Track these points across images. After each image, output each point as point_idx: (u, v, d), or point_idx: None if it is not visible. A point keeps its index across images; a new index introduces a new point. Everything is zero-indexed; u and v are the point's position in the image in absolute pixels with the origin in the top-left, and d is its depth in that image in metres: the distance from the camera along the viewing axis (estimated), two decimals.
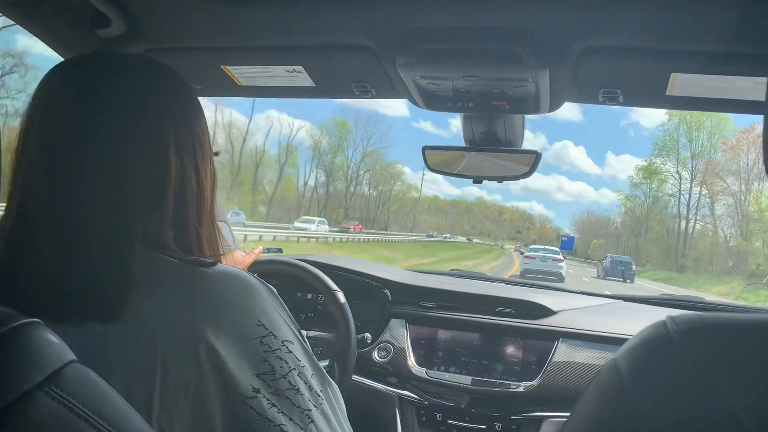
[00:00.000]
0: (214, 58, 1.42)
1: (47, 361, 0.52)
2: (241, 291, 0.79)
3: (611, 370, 0.52)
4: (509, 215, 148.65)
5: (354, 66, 1.40)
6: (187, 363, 0.72)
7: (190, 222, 0.85)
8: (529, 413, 1.80)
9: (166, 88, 0.87)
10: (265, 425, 0.75)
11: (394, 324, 2.02)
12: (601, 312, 2.02)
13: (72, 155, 0.78)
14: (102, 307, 0.73)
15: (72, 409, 0.52)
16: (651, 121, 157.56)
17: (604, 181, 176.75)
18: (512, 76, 1.27)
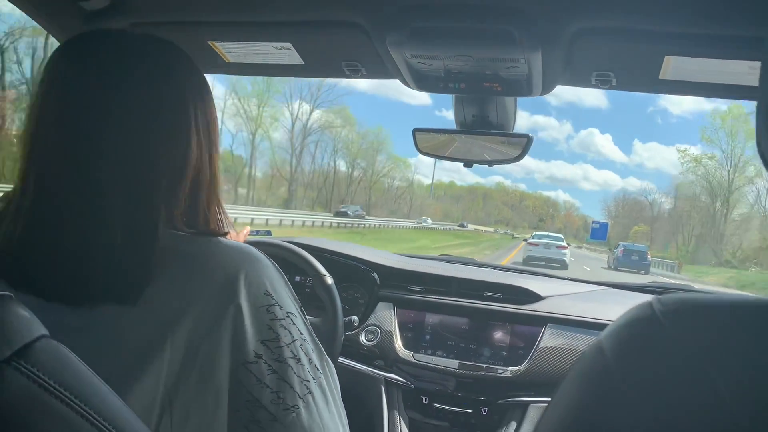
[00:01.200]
0: (202, 33, 1.39)
1: (17, 336, 0.51)
2: (250, 262, 0.81)
3: (595, 351, 0.50)
4: (531, 202, 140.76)
5: (344, 44, 1.38)
6: (196, 327, 0.74)
7: (200, 205, 0.85)
8: (515, 398, 1.80)
9: (184, 70, 0.86)
10: (263, 391, 0.77)
11: (381, 307, 2.02)
12: (590, 298, 2.02)
13: (94, 137, 0.77)
14: (123, 291, 0.74)
15: (42, 385, 0.50)
16: (680, 107, 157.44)
17: (631, 170, 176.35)
18: (504, 56, 1.24)
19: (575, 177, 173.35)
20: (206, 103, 0.87)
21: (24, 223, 0.76)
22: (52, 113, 0.78)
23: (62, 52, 0.83)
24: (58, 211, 0.76)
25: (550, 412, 0.54)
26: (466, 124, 1.64)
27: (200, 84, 0.87)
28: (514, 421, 1.77)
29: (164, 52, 0.85)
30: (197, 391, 0.76)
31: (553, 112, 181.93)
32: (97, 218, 0.76)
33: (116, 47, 0.82)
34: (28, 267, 0.76)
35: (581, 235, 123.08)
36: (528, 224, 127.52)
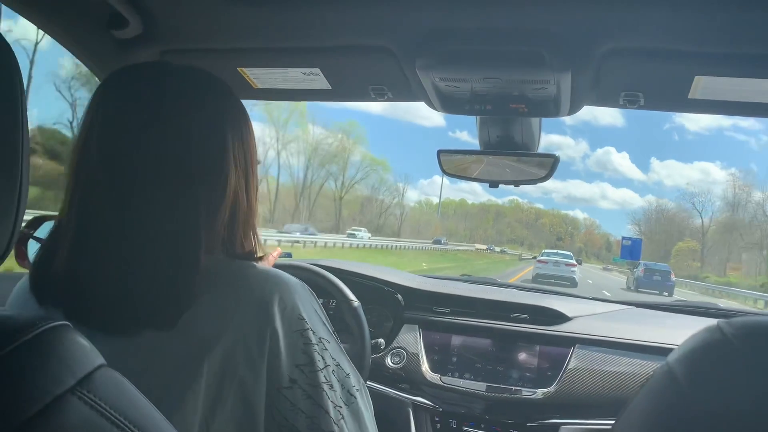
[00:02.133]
0: (231, 60, 1.41)
1: (79, 365, 0.51)
2: (284, 287, 0.82)
3: (665, 376, 0.50)
4: (548, 220, 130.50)
5: (372, 68, 1.39)
6: (233, 352, 0.76)
7: (237, 231, 0.86)
8: (545, 420, 1.78)
9: (223, 100, 0.88)
10: (298, 416, 0.79)
11: (406, 329, 2.00)
12: (617, 318, 2.00)
13: (137, 166, 0.78)
14: (162, 317, 0.75)
15: (103, 414, 0.50)
16: (697, 124, 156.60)
17: (649, 188, 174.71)
18: (534, 78, 1.25)
19: (593, 196, 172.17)
20: (244, 132, 0.88)
21: (68, 254, 0.78)
22: (95, 146, 0.80)
23: (105, 86, 0.85)
24: (101, 242, 0.77)
25: None
26: (490, 145, 1.64)
27: (239, 113, 0.89)
28: None
29: (203, 82, 0.87)
30: (233, 415, 0.77)
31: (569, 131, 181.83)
32: (143, 246, 0.77)
33: (156, 79, 0.84)
34: (74, 296, 0.77)
35: (603, 255, 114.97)
36: (545, 244, 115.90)
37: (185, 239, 0.78)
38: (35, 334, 0.49)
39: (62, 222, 0.80)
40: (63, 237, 0.79)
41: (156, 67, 0.88)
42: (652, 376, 0.53)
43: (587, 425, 1.75)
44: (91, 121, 0.81)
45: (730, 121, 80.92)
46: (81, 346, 0.53)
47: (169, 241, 0.77)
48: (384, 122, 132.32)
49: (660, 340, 1.80)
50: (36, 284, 0.81)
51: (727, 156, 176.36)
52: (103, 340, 0.73)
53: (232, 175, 0.84)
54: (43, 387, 0.47)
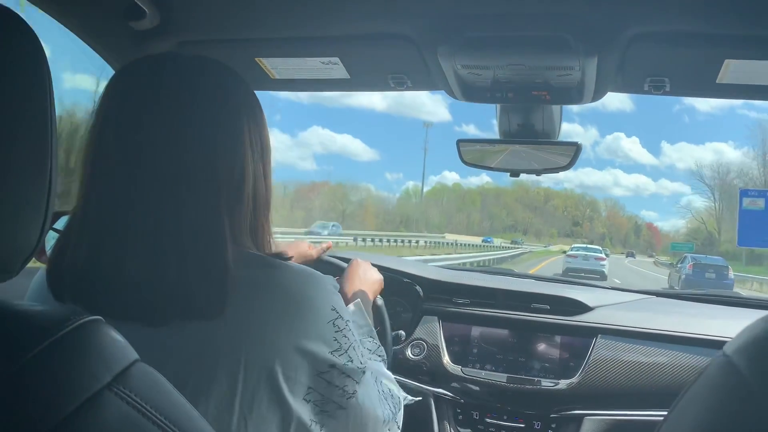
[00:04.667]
0: (249, 50, 1.39)
1: (115, 360, 0.50)
2: (317, 284, 0.86)
3: (726, 369, 0.48)
4: (560, 201, 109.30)
5: (391, 56, 1.37)
6: (271, 350, 0.78)
7: (259, 223, 0.87)
8: (568, 411, 1.76)
9: (238, 91, 0.87)
10: (334, 390, 0.85)
11: (426, 321, 1.99)
12: (638, 308, 1.98)
13: (154, 158, 0.78)
14: (206, 306, 0.76)
15: (140, 410, 0.49)
16: (708, 104, 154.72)
17: (662, 172, 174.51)
18: (559, 64, 1.23)
19: (606, 183, 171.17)
20: (259, 123, 0.88)
21: (89, 247, 0.77)
22: (111, 139, 0.79)
23: (119, 77, 0.85)
24: (122, 233, 0.76)
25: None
26: (510, 134, 1.62)
27: (253, 104, 0.89)
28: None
29: (218, 74, 0.86)
30: (271, 409, 0.78)
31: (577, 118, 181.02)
32: (166, 236, 0.76)
33: (171, 70, 0.83)
34: (98, 289, 0.77)
35: (632, 242, 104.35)
36: (558, 230, 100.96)
37: (207, 228, 0.78)
38: (70, 329, 0.48)
39: (78, 216, 0.79)
40: (81, 231, 0.78)
41: (169, 57, 0.87)
42: (707, 367, 0.51)
43: (612, 416, 1.73)
44: (105, 113, 0.81)
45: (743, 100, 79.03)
46: (115, 341, 0.52)
47: (194, 230, 0.77)
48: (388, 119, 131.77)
49: (684, 330, 1.78)
50: (53, 279, 0.80)
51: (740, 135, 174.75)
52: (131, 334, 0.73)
53: (249, 162, 0.84)
54: (80, 383, 0.46)
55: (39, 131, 0.52)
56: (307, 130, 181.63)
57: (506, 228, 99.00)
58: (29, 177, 0.52)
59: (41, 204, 0.53)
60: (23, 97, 0.51)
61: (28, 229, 0.52)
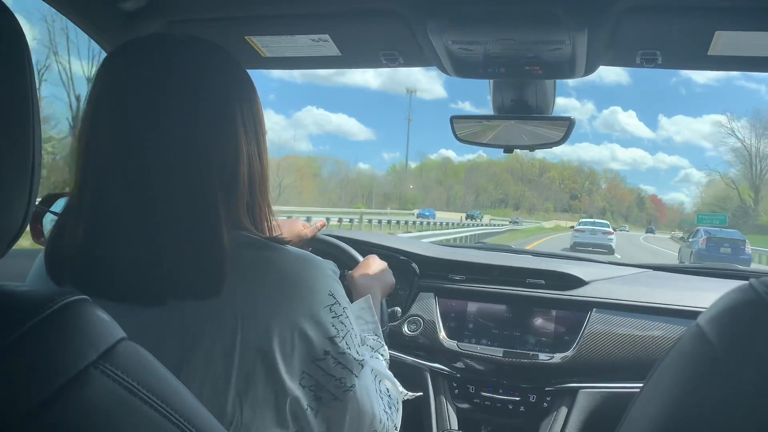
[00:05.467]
0: (239, 28, 1.39)
1: (100, 339, 0.50)
2: (315, 269, 0.86)
3: (697, 337, 0.48)
4: (557, 173, 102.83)
5: (382, 33, 1.36)
6: (267, 332, 0.78)
7: (256, 203, 0.87)
8: (563, 384, 1.78)
9: (228, 70, 0.87)
10: (329, 379, 0.85)
11: (422, 297, 2.00)
12: (634, 281, 1.99)
13: (147, 139, 0.78)
14: (201, 285, 0.76)
15: (126, 387, 0.50)
16: (704, 76, 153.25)
17: (659, 146, 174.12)
18: (549, 38, 1.22)
19: (603, 158, 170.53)
20: (252, 102, 0.88)
21: (85, 229, 0.78)
22: (105, 119, 0.79)
23: (111, 60, 0.84)
24: (118, 215, 0.77)
25: (643, 407, 0.52)
26: (504, 109, 1.61)
27: (245, 82, 0.88)
28: (563, 407, 1.76)
29: (208, 54, 0.86)
30: (266, 392, 0.79)
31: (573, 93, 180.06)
32: (160, 217, 0.76)
33: (162, 51, 0.83)
34: (95, 271, 0.77)
35: (635, 216, 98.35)
36: (554, 204, 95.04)
37: (200, 209, 0.78)
38: (55, 308, 0.49)
39: (74, 198, 0.80)
40: (78, 214, 0.79)
41: (160, 39, 0.87)
42: (681, 337, 0.51)
43: (606, 388, 1.75)
44: (98, 96, 0.80)
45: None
46: (101, 319, 0.52)
47: (185, 212, 0.77)
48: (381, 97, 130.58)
49: (678, 303, 1.79)
50: (51, 261, 0.81)
51: (737, 107, 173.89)
52: (126, 314, 0.73)
53: (243, 142, 0.84)
54: (65, 361, 0.47)
55: (21, 113, 0.52)
56: (302, 110, 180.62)
57: (495, 202, 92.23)
58: (12, 159, 0.52)
59: (24, 186, 0.53)
60: (2, 79, 0.51)
61: (11, 212, 0.53)
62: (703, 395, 0.46)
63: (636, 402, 0.54)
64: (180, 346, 0.76)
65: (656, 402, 0.50)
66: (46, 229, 1.42)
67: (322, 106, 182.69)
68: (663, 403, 0.49)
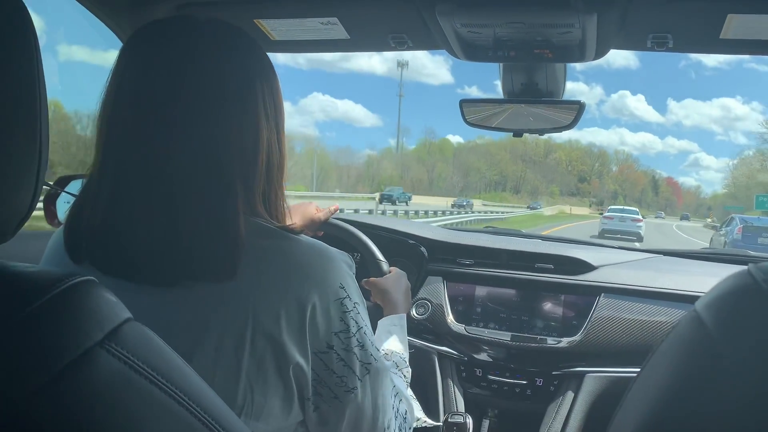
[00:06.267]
0: (248, 11, 1.38)
1: (106, 319, 0.51)
2: (328, 260, 0.85)
3: (693, 323, 0.48)
4: (564, 154, 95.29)
5: (390, 15, 1.36)
6: (277, 320, 0.78)
7: (272, 189, 0.86)
8: (570, 368, 1.79)
9: (250, 52, 0.86)
10: (330, 376, 0.84)
11: (431, 281, 2.01)
12: (643, 266, 1.98)
13: (168, 122, 0.78)
14: (216, 268, 0.77)
15: (132, 367, 0.51)
16: (715, 59, 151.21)
17: (668, 130, 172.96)
18: (558, 21, 1.21)
19: (611, 142, 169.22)
20: (272, 85, 0.87)
21: (105, 209, 0.78)
22: (127, 102, 0.79)
23: (132, 42, 0.84)
24: (137, 196, 0.77)
25: (641, 391, 0.53)
26: (514, 93, 1.61)
27: (266, 65, 0.87)
28: (570, 391, 1.76)
29: (231, 36, 0.85)
30: (276, 379, 0.79)
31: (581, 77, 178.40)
32: (180, 199, 0.77)
33: (185, 33, 0.82)
34: (112, 252, 0.78)
35: (649, 200, 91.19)
36: (560, 188, 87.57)
37: (220, 191, 0.79)
38: (62, 288, 0.50)
39: (94, 180, 0.80)
40: (98, 194, 0.79)
41: (182, 21, 0.86)
42: (678, 322, 0.51)
43: (613, 373, 1.75)
44: (120, 78, 0.80)
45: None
46: (107, 300, 0.53)
47: (204, 194, 0.78)
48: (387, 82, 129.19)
49: (687, 288, 1.78)
50: (70, 241, 0.82)
51: (748, 90, 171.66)
52: (141, 297, 0.74)
53: (264, 128, 0.83)
54: (71, 341, 0.48)
55: (27, 95, 0.53)
56: (308, 96, 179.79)
57: (490, 185, 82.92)
58: (19, 141, 0.52)
59: (32, 167, 0.54)
60: (9, 62, 0.51)
61: (20, 193, 0.54)
62: (699, 379, 0.46)
63: (633, 386, 0.54)
64: (192, 332, 0.76)
65: (653, 385, 0.51)
66: (60, 211, 1.44)
67: (328, 92, 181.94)
68: (659, 386, 0.49)
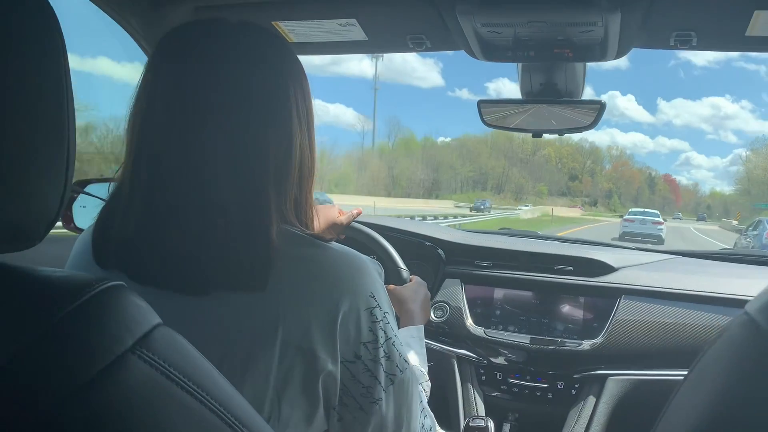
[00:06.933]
0: (266, 13, 1.38)
1: (136, 324, 0.50)
2: (358, 269, 0.83)
3: (747, 328, 0.47)
4: (553, 150, 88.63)
5: (409, 16, 1.34)
6: (308, 330, 0.76)
7: (303, 196, 0.85)
8: (591, 371, 1.76)
9: (284, 57, 0.84)
10: (356, 385, 0.82)
11: (449, 284, 1.99)
12: (663, 268, 1.96)
13: (203, 129, 0.76)
14: (248, 278, 0.75)
15: (164, 372, 0.50)
16: (704, 58, 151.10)
17: (659, 129, 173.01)
18: (581, 20, 1.19)
19: (602, 142, 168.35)
20: (305, 90, 0.86)
21: (138, 216, 0.77)
22: (161, 109, 0.78)
23: (166, 43, 0.82)
24: (172, 203, 0.76)
25: (691, 397, 0.51)
26: (533, 94, 1.59)
27: (299, 70, 0.86)
28: (591, 394, 1.74)
29: (264, 39, 0.84)
30: (302, 389, 0.78)
31: None
32: (211, 207, 0.76)
33: (217, 37, 0.81)
34: (144, 259, 0.77)
35: (646, 199, 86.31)
36: (549, 187, 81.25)
37: (254, 197, 0.77)
38: (93, 294, 0.49)
39: (126, 185, 0.79)
40: (130, 201, 0.78)
41: (214, 24, 0.84)
42: (727, 326, 0.50)
43: (635, 376, 1.73)
44: (152, 84, 0.79)
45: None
46: (137, 305, 0.52)
47: (239, 200, 0.77)
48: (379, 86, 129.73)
49: (709, 289, 1.76)
50: (98, 246, 0.81)
51: (737, 88, 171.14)
52: (170, 305, 0.73)
53: (297, 133, 0.82)
54: (103, 347, 0.47)
55: (55, 100, 0.52)
56: None
57: (467, 183, 73.70)
58: (48, 145, 0.52)
59: (61, 171, 0.53)
60: (38, 68, 0.51)
61: (49, 197, 0.53)
62: (755, 383, 0.44)
63: (680, 391, 0.53)
64: (221, 341, 0.75)
65: (703, 390, 0.49)
66: (76, 215, 1.44)
67: (318, 96, 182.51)
68: (711, 391, 0.48)
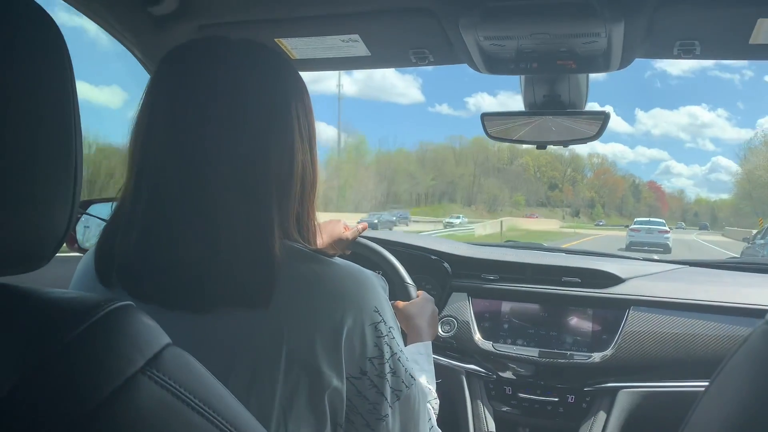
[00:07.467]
0: (269, 31, 1.38)
1: (147, 344, 0.50)
2: (363, 284, 0.82)
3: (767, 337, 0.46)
4: (531, 159, 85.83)
5: (412, 31, 1.35)
6: (312, 346, 0.76)
7: (305, 212, 0.85)
8: (602, 384, 1.75)
9: (287, 74, 0.85)
10: (362, 402, 0.82)
11: (455, 298, 1.98)
12: (671, 278, 1.94)
13: (205, 146, 0.76)
14: (252, 294, 0.75)
15: (174, 393, 0.49)
16: (679, 68, 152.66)
17: (638, 139, 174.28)
18: (584, 31, 1.19)
19: (582, 154, 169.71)
20: (307, 107, 0.86)
21: (139, 233, 0.76)
22: (162, 127, 0.78)
23: (168, 62, 0.82)
24: (174, 221, 0.76)
25: (712, 407, 0.50)
26: (536, 105, 1.59)
27: (301, 86, 0.86)
28: (603, 408, 1.72)
29: (265, 56, 0.84)
30: (309, 406, 0.77)
31: None
32: (217, 223, 0.75)
33: (219, 55, 0.81)
34: (146, 277, 0.76)
35: (631, 207, 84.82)
36: (527, 197, 77.12)
37: (256, 215, 0.77)
38: (102, 315, 0.48)
39: (126, 204, 0.79)
40: (131, 218, 0.78)
41: (215, 42, 0.85)
42: (748, 337, 0.49)
43: (647, 387, 1.71)
44: (154, 100, 0.79)
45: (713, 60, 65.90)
46: (147, 325, 0.52)
47: (241, 218, 0.76)
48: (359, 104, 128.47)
49: (719, 299, 1.74)
50: (101, 266, 0.80)
51: (713, 97, 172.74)
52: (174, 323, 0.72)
53: (299, 150, 0.82)
54: (114, 368, 0.46)
55: (63, 120, 0.52)
56: None
57: (430, 195, 66.82)
58: (55, 165, 0.52)
59: (68, 191, 0.53)
60: (45, 87, 0.51)
61: (56, 217, 0.53)
62: None
63: (702, 402, 0.52)
64: (226, 359, 0.74)
65: (726, 400, 0.48)
66: (79, 235, 1.43)
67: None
68: (734, 401, 0.47)
